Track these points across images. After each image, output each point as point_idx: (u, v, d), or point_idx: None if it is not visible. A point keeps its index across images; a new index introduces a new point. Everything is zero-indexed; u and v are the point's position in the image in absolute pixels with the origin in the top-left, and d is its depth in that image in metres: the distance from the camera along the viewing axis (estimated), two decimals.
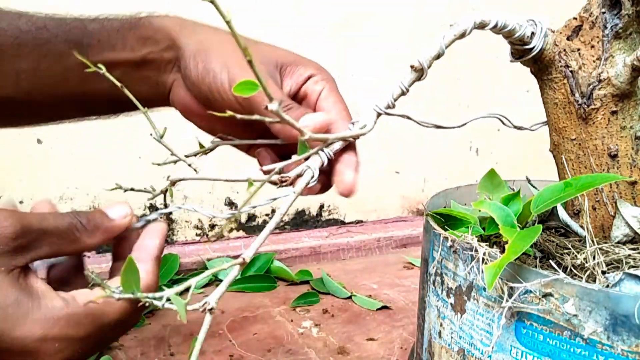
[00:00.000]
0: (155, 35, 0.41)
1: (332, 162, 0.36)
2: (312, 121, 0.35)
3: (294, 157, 0.34)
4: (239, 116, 0.25)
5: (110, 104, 0.39)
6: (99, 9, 0.43)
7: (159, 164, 0.39)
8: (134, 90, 0.42)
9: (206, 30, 0.41)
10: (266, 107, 0.25)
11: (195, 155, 0.41)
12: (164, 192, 0.38)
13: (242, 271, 0.74)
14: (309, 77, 0.40)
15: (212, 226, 0.86)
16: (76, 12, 0.42)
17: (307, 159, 0.35)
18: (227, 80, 0.37)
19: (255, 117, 0.27)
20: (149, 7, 0.43)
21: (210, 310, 0.27)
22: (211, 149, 0.42)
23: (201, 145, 0.42)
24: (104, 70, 0.35)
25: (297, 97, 0.40)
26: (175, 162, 0.39)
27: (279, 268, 0.75)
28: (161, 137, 0.38)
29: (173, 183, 0.35)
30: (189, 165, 0.38)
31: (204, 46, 0.39)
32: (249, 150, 0.44)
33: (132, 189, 0.38)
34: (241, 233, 0.89)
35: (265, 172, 0.33)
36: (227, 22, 0.22)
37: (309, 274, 0.74)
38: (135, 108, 0.41)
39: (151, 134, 0.38)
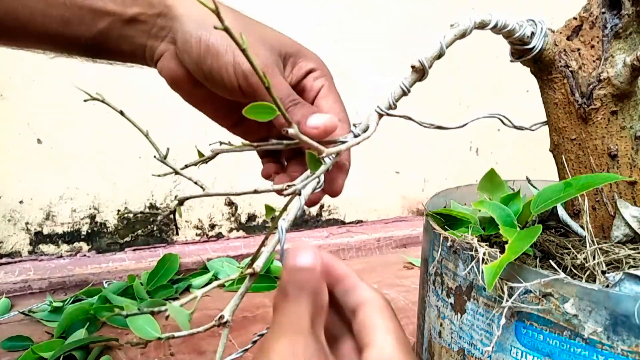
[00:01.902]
0: None
1: None
2: (322, 122, 0.34)
3: (305, 175, 0.33)
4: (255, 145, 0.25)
5: (89, 50, 0.37)
6: None
7: (159, 175, 0.39)
8: (116, 47, 0.40)
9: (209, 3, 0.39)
10: (285, 130, 0.24)
11: (195, 165, 0.40)
12: (173, 212, 0.37)
13: None
14: (310, 71, 0.39)
15: (212, 226, 0.86)
16: None
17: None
18: (232, 63, 0.36)
19: (272, 143, 0.26)
20: None
21: (225, 323, 0.26)
22: (211, 157, 0.41)
23: (200, 154, 0.41)
24: (102, 98, 0.35)
25: (295, 90, 0.39)
26: (175, 172, 0.39)
27: (279, 268, 0.74)
28: (164, 157, 0.38)
29: (181, 202, 0.35)
30: (195, 183, 0.37)
31: (207, 22, 0.36)
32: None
33: (141, 212, 0.38)
34: (241, 233, 0.89)
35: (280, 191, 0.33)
36: (224, 28, 0.21)
37: None
38: (115, 58, 0.40)
39: (155, 156, 0.38)
